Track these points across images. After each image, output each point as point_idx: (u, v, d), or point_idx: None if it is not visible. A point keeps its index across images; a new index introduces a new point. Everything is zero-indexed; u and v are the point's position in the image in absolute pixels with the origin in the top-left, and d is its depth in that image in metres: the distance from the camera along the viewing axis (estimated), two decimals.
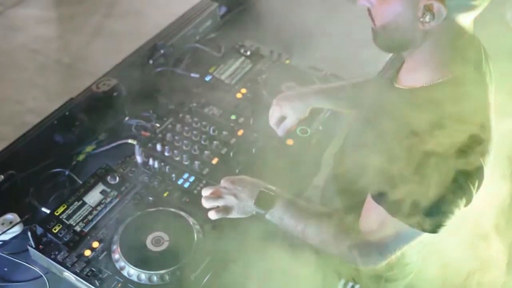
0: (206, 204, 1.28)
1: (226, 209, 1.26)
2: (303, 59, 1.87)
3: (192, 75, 1.82)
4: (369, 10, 1.09)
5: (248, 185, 1.26)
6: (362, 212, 1.16)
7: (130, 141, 1.48)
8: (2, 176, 1.45)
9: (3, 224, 1.39)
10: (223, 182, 1.29)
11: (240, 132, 1.59)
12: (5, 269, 1.33)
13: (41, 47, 3.76)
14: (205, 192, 1.30)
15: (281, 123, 1.49)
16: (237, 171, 1.47)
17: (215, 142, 1.54)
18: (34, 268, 1.30)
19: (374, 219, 1.12)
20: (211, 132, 1.57)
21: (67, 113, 1.62)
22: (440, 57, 1.07)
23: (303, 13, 2.04)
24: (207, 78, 1.77)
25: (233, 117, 1.64)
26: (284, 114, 1.47)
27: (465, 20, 1.03)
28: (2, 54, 3.67)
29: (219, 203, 1.27)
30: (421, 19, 1.00)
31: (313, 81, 1.74)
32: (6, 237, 1.37)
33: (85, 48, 3.78)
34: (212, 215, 1.26)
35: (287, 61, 1.85)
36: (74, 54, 3.73)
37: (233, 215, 1.26)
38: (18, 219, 1.40)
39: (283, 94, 1.51)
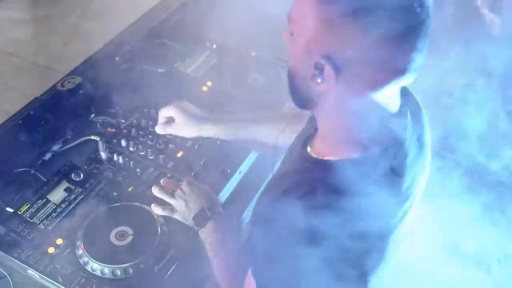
0: (157, 194, 1.33)
1: (172, 210, 1.33)
2: (270, 51, 1.87)
3: (159, 70, 1.82)
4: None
5: (202, 198, 1.31)
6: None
7: (93, 137, 1.48)
8: None
9: None
10: (184, 184, 1.34)
11: None
12: None
13: (17, 49, 3.73)
14: (165, 183, 1.33)
15: (166, 122, 1.52)
16: (201, 163, 1.47)
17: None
18: None
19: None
20: None
21: (31, 112, 1.62)
22: (337, 125, 0.94)
23: (268, 5, 2.04)
24: (173, 72, 1.77)
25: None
26: (175, 119, 1.50)
27: (382, 93, 0.87)
28: None
29: (170, 201, 1.33)
30: (311, 78, 0.87)
31: (279, 71, 1.75)
32: None
33: (61, 49, 3.76)
34: (157, 210, 1.33)
35: (253, 54, 1.85)
36: (50, 56, 3.70)
37: (176, 217, 1.33)
38: None
39: (186, 106, 1.52)
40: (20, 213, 1.34)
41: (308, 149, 1.04)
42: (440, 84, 2.09)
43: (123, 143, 1.52)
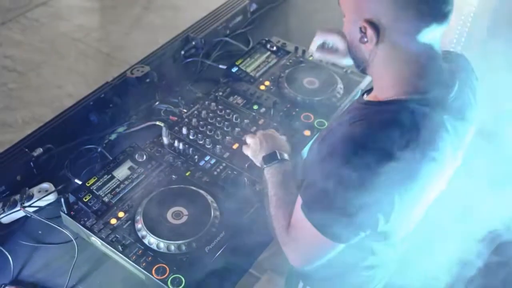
0: (247, 138, 1.53)
1: (247, 147, 1.51)
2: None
3: (220, 66, 1.93)
4: None
5: (276, 144, 1.46)
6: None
7: (158, 123, 1.60)
8: (41, 149, 1.59)
9: (39, 192, 1.53)
10: (267, 130, 1.53)
11: (261, 121, 1.69)
12: (40, 232, 1.47)
13: (83, 36, 3.95)
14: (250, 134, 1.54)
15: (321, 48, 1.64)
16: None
17: (236, 129, 1.65)
18: (66, 232, 1.43)
19: (295, 216, 1.22)
20: (233, 119, 1.68)
21: (102, 96, 1.76)
22: (387, 77, 1.11)
23: (329, 11, 2.12)
24: (234, 70, 1.87)
25: (255, 107, 1.74)
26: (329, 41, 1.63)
27: (417, 42, 1.04)
28: (46, 42, 3.88)
29: (248, 140, 1.51)
30: (360, 40, 1.07)
31: (333, 77, 1.83)
32: (42, 203, 1.51)
33: (123, 38, 3.95)
34: (243, 148, 1.52)
35: (311, 58, 1.94)
36: (112, 44, 3.90)
37: (248, 154, 1.50)
38: (53, 188, 1.54)
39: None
40: (88, 185, 1.47)
41: (365, 96, 1.23)
42: None
43: (184, 131, 1.64)
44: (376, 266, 1.37)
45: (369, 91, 1.24)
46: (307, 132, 1.66)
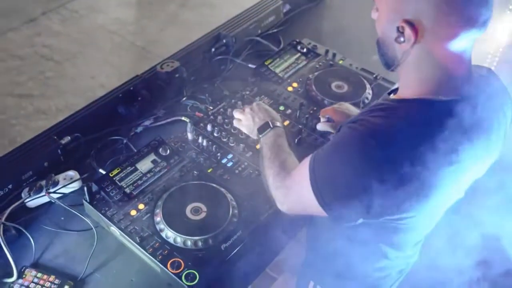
0: (234, 113, 1.60)
1: (240, 122, 1.58)
2: (357, 61, 1.93)
3: (249, 65, 1.94)
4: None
5: (267, 114, 1.52)
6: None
7: (183, 118, 1.61)
8: (69, 138, 1.62)
9: (65, 179, 1.56)
10: (254, 104, 1.58)
11: (286, 123, 1.68)
12: (62, 218, 1.50)
13: (119, 28, 4.02)
14: (238, 110, 1.61)
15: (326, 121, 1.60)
16: None
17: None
18: (86, 220, 1.46)
19: (299, 166, 1.25)
20: None
21: (131, 88, 1.78)
22: (416, 77, 1.10)
23: (363, 16, 2.10)
24: (262, 69, 1.87)
25: (281, 108, 1.74)
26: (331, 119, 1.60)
27: (450, 50, 1.04)
28: (83, 33, 3.96)
29: (240, 116, 1.58)
30: (395, 40, 1.06)
31: (362, 82, 1.81)
32: (66, 190, 1.54)
33: (158, 33, 4.00)
34: (234, 122, 1.60)
35: (341, 62, 1.92)
36: (147, 38, 3.96)
37: (243, 129, 1.58)
38: (78, 176, 1.57)
39: (341, 106, 1.63)
40: (111, 175, 1.49)
41: (391, 95, 1.23)
42: None
43: (209, 128, 1.64)
44: (388, 268, 1.38)
45: (395, 91, 1.23)
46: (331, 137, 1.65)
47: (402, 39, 1.04)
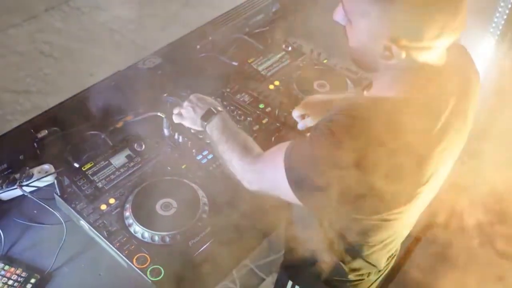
0: (174, 110, 1.53)
1: (181, 116, 1.49)
2: (341, 61, 1.91)
3: (233, 63, 1.92)
4: (344, 27, 1.12)
5: (206, 103, 1.47)
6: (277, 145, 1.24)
7: (159, 114, 1.60)
8: (46, 131, 1.62)
9: (39, 172, 1.56)
10: (191, 96, 1.52)
11: (264, 120, 1.67)
12: (35, 211, 1.50)
13: (120, 26, 4.03)
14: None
15: (302, 119, 1.56)
16: None
17: (238, 127, 1.63)
18: (57, 214, 1.45)
19: (273, 153, 1.22)
20: (237, 117, 1.67)
21: (113, 83, 1.78)
22: (392, 80, 1.10)
23: None
24: (245, 67, 1.86)
25: (261, 106, 1.72)
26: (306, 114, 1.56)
27: (430, 56, 1.05)
28: (85, 30, 3.98)
29: (179, 111, 1.51)
30: (381, 56, 1.04)
31: (345, 81, 1.79)
32: (40, 184, 1.54)
33: (159, 32, 3.99)
34: (174, 118, 1.51)
35: (325, 61, 1.90)
36: (148, 37, 3.95)
37: (186, 123, 1.50)
38: (53, 170, 1.56)
39: (309, 98, 1.59)
40: (84, 169, 1.49)
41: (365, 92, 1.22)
42: None
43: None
44: (363, 268, 1.36)
45: (368, 87, 1.23)
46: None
47: (388, 56, 1.03)
